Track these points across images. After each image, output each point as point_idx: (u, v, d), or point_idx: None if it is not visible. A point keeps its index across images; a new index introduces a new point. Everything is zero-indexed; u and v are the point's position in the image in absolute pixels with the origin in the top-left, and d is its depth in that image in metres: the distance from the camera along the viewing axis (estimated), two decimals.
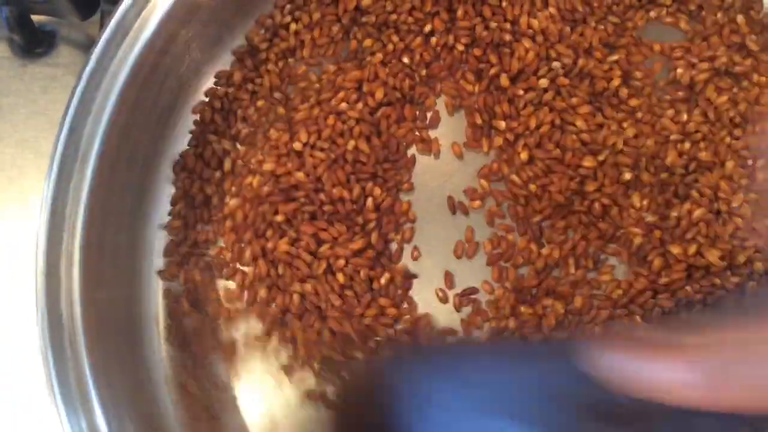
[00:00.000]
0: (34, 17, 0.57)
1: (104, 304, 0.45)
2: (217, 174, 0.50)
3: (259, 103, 0.51)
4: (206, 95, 0.52)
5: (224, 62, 0.52)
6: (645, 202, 0.48)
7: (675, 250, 0.47)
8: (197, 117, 0.51)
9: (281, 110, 0.51)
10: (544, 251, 0.48)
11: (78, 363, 0.42)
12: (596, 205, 0.48)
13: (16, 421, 0.51)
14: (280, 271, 0.48)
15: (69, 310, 0.42)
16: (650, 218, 0.48)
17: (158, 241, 0.50)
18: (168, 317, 0.48)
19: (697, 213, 0.48)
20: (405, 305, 0.48)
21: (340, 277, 0.48)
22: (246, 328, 0.48)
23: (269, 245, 0.48)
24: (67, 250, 0.43)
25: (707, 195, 0.48)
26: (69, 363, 0.42)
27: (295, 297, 0.48)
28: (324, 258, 0.48)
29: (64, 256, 0.43)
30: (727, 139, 0.49)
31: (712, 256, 0.47)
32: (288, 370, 0.47)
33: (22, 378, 0.51)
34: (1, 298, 0.53)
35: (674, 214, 0.48)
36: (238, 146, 0.51)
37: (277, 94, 0.51)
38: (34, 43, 0.58)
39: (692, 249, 0.47)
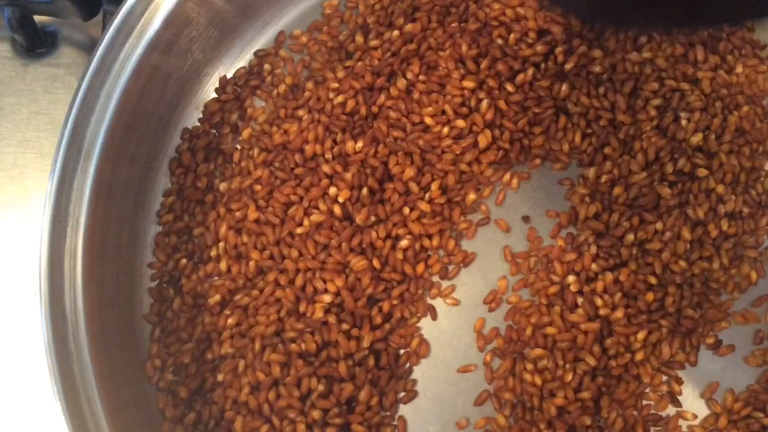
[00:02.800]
0: (37, 17, 0.58)
1: (107, 298, 0.45)
2: (211, 166, 0.51)
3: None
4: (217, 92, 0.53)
5: (225, 63, 0.53)
6: None
7: None
8: (200, 114, 0.52)
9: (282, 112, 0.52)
10: None
11: (81, 355, 0.43)
12: None
13: (19, 415, 0.51)
14: (245, 239, 0.49)
15: (72, 304, 0.43)
16: None
17: (155, 231, 0.51)
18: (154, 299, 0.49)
19: None
20: None
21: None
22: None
23: (238, 214, 0.50)
24: (71, 246, 0.43)
25: None
26: (72, 356, 0.43)
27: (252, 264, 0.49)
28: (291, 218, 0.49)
29: (68, 252, 0.43)
30: None
31: None
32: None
33: (25, 372, 0.51)
34: (2, 294, 0.54)
35: None
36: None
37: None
38: (36, 44, 0.59)
39: None
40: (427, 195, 0.49)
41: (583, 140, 0.50)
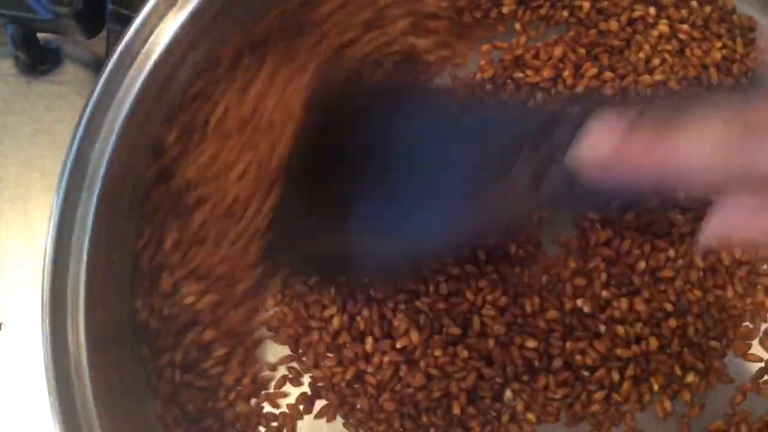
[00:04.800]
0: (39, 34, 0.57)
1: (109, 329, 0.45)
2: None
3: None
4: None
5: None
6: None
7: None
8: None
9: None
10: None
11: (83, 389, 0.42)
12: None
13: None
14: None
15: (75, 336, 0.42)
16: None
17: None
18: None
19: None
20: None
21: None
22: None
23: None
24: (74, 277, 0.43)
25: None
26: (75, 391, 0.42)
27: None
28: None
29: (70, 284, 0.42)
30: None
31: None
32: None
33: (24, 404, 0.51)
34: (2, 317, 0.53)
35: None
36: None
37: None
38: (39, 61, 0.58)
39: None
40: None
41: None
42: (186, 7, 0.45)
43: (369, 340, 0.48)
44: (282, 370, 0.49)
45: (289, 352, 0.49)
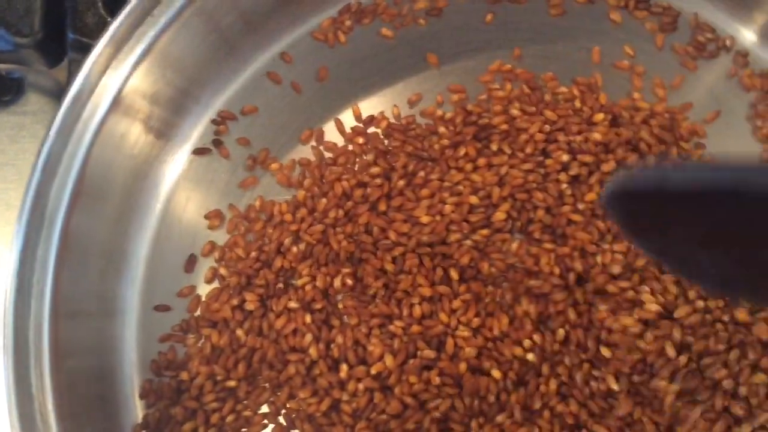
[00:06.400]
0: (0, 65, 0.56)
1: (76, 371, 0.44)
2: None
3: None
4: None
5: (193, 116, 0.52)
6: None
7: None
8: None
9: None
10: None
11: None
12: None
13: None
14: None
15: (39, 380, 0.41)
16: None
17: (130, 298, 0.49)
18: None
19: None
20: None
21: None
22: None
23: None
24: (36, 319, 0.42)
25: None
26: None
27: None
28: None
29: (33, 325, 0.42)
30: None
31: None
32: None
33: None
34: None
35: None
36: None
37: None
38: (1, 91, 0.57)
39: None
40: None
41: None
42: (142, 40, 0.45)
43: (344, 367, 0.47)
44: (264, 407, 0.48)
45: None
